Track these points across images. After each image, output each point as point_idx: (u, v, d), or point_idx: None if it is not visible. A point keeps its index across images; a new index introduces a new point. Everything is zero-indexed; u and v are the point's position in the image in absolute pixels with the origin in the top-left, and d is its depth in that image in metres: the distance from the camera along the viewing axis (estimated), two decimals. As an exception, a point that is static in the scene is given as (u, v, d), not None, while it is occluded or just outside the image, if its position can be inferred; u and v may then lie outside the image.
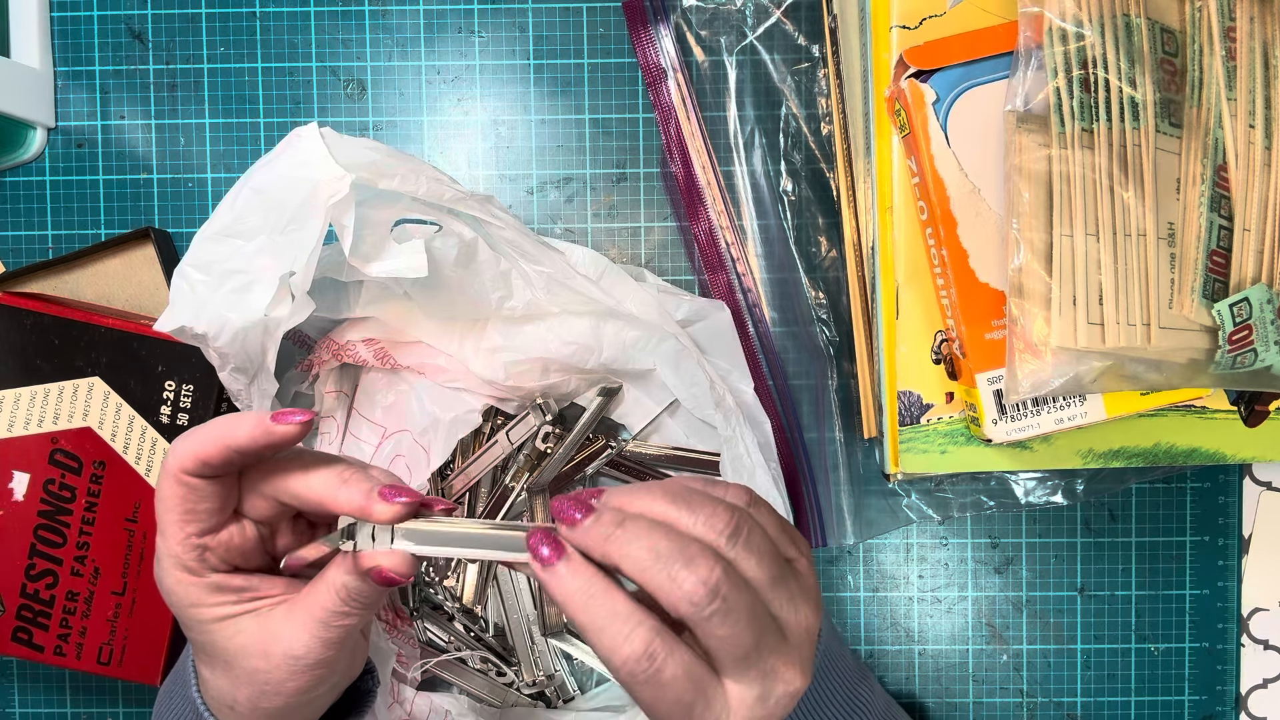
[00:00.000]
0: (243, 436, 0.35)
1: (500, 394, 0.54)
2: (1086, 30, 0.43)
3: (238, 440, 0.35)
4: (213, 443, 0.35)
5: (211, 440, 0.35)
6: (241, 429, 0.35)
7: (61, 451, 0.52)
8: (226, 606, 0.37)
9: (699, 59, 0.55)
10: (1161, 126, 0.44)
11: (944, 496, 0.55)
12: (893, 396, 0.49)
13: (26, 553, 0.52)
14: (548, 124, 0.57)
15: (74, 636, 0.52)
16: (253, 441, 0.35)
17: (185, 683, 0.40)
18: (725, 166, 0.55)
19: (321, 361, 0.54)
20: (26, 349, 0.52)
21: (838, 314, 0.55)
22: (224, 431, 0.35)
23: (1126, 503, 0.57)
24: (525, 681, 0.56)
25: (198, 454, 0.35)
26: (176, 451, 0.35)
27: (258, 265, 0.43)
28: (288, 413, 0.35)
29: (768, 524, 0.35)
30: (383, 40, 0.56)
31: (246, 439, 0.35)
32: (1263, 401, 0.49)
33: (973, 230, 0.46)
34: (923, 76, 0.46)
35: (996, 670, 0.58)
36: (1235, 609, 0.57)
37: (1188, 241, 0.44)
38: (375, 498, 0.35)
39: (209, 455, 0.35)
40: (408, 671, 0.55)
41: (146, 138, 0.57)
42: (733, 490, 0.35)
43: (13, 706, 0.58)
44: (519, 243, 0.48)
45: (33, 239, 0.57)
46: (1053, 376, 0.43)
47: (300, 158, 0.41)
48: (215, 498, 0.36)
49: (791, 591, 0.34)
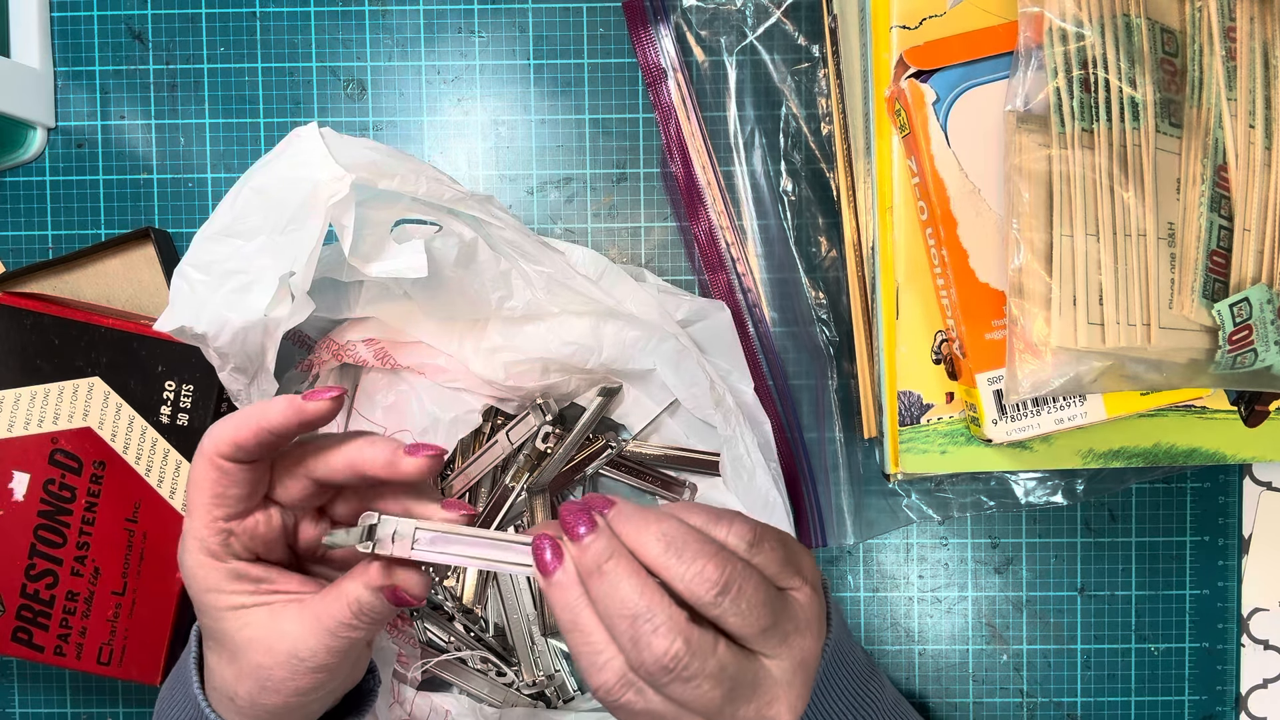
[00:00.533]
0: (276, 417, 0.36)
1: (500, 394, 0.54)
2: (1086, 30, 0.43)
3: (272, 422, 0.36)
4: (247, 426, 0.35)
5: (246, 424, 0.35)
6: (274, 410, 0.36)
7: (61, 451, 0.52)
8: (242, 595, 0.37)
9: (699, 59, 0.55)
10: (1161, 126, 0.44)
11: (944, 496, 0.55)
12: (893, 396, 0.49)
13: (26, 553, 0.52)
14: (548, 124, 0.57)
15: (74, 636, 0.52)
16: (286, 421, 0.36)
17: (188, 680, 0.40)
18: (725, 166, 0.55)
19: (321, 361, 0.54)
20: (26, 349, 0.52)
21: (838, 314, 0.55)
22: (258, 414, 0.36)
23: (1126, 503, 0.57)
24: (525, 681, 0.56)
25: (234, 438, 0.35)
26: (213, 435, 0.36)
27: (258, 265, 0.43)
28: (319, 391, 0.36)
29: (769, 563, 0.35)
30: (383, 40, 0.56)
31: (280, 419, 0.36)
32: (1263, 401, 0.49)
33: (973, 230, 0.46)
34: (923, 76, 0.46)
35: (996, 670, 0.58)
36: (1235, 609, 0.57)
37: (1188, 241, 0.44)
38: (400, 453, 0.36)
39: (244, 439, 0.35)
40: (408, 671, 0.55)
41: (146, 138, 0.57)
42: (735, 529, 0.35)
43: (13, 706, 0.58)
44: (519, 243, 0.48)
45: (33, 239, 0.57)
46: (1053, 376, 0.43)
47: (300, 158, 0.41)
48: (246, 484, 0.37)
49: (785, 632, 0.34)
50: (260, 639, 0.37)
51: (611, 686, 0.33)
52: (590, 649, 0.33)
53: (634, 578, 0.33)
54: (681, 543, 0.33)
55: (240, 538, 0.37)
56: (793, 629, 0.35)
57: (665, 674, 0.32)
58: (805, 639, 0.35)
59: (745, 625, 0.33)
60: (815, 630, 0.35)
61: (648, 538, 0.33)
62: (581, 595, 0.34)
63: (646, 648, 0.32)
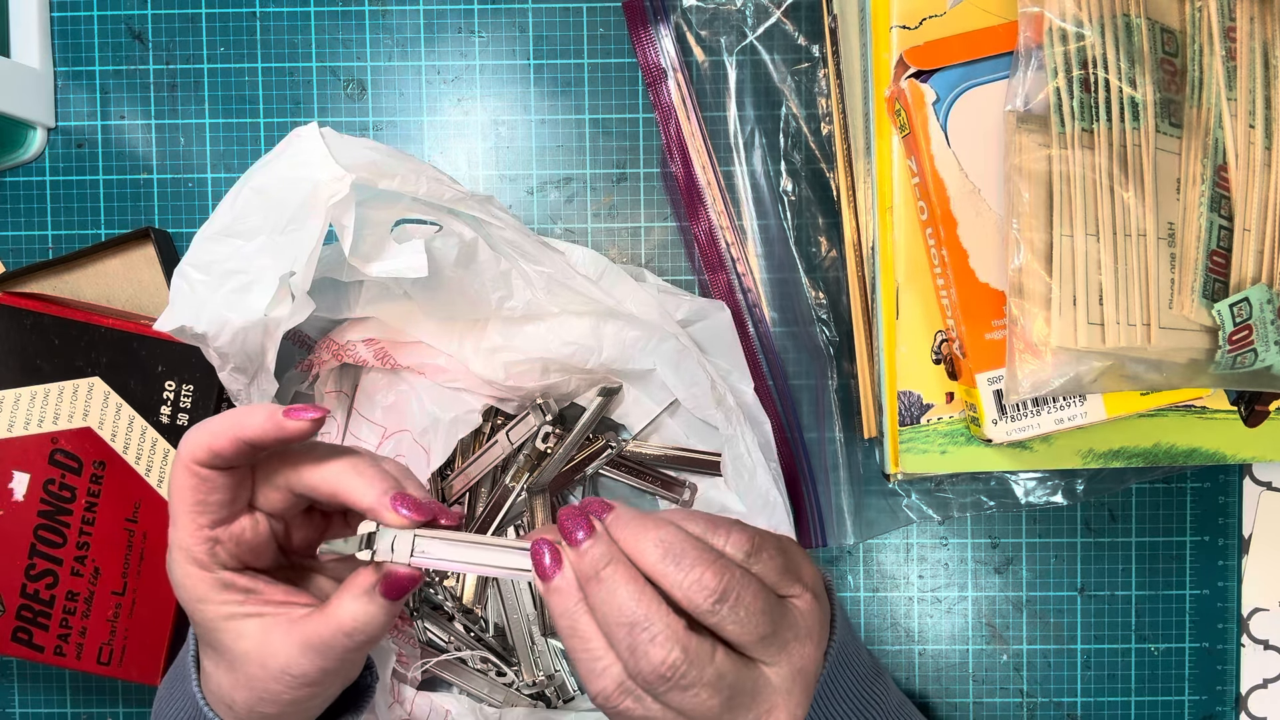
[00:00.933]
0: (254, 429, 0.35)
1: (500, 394, 0.54)
2: (1086, 30, 0.43)
3: (248, 432, 0.35)
4: (224, 434, 0.35)
5: (223, 431, 0.35)
6: (253, 421, 0.35)
7: (61, 451, 0.52)
8: (232, 606, 0.37)
9: (699, 59, 0.55)
10: (1161, 126, 0.44)
11: (944, 496, 0.55)
12: (893, 396, 0.49)
13: (26, 553, 0.52)
14: (548, 124, 0.57)
15: (74, 636, 0.52)
16: (264, 434, 0.35)
17: (185, 677, 0.40)
18: (725, 166, 0.55)
19: (321, 361, 0.54)
20: (26, 349, 0.52)
21: (838, 314, 0.55)
22: (235, 423, 0.35)
23: (1126, 503, 0.57)
24: (525, 681, 0.56)
25: (209, 445, 0.35)
26: (188, 441, 0.35)
27: (258, 265, 0.43)
28: (301, 409, 0.35)
29: (768, 571, 0.35)
30: (383, 40, 0.56)
31: (258, 431, 0.35)
32: (1263, 401, 0.49)
33: (973, 230, 0.46)
34: (923, 76, 0.46)
35: (996, 670, 0.58)
36: (1235, 609, 0.57)
37: (1188, 241, 0.44)
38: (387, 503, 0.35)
39: (220, 446, 0.35)
40: (408, 671, 0.56)
41: (146, 138, 0.57)
42: (734, 537, 0.34)
43: (13, 706, 0.58)
44: (519, 243, 0.48)
45: (33, 239, 0.57)
46: (1053, 376, 0.43)
47: (300, 158, 0.41)
48: (227, 489, 0.36)
49: (784, 640, 0.34)
50: (254, 652, 0.36)
51: (610, 694, 0.33)
52: (589, 655, 0.33)
53: (631, 584, 0.33)
54: (680, 550, 0.33)
55: (227, 545, 0.37)
56: (792, 637, 0.34)
57: (663, 682, 0.32)
58: (806, 646, 0.35)
59: (744, 633, 0.33)
60: (816, 637, 0.35)
61: (645, 544, 0.33)
62: (580, 601, 0.34)
63: (644, 656, 0.32)
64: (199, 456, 0.35)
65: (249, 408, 0.35)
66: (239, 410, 0.35)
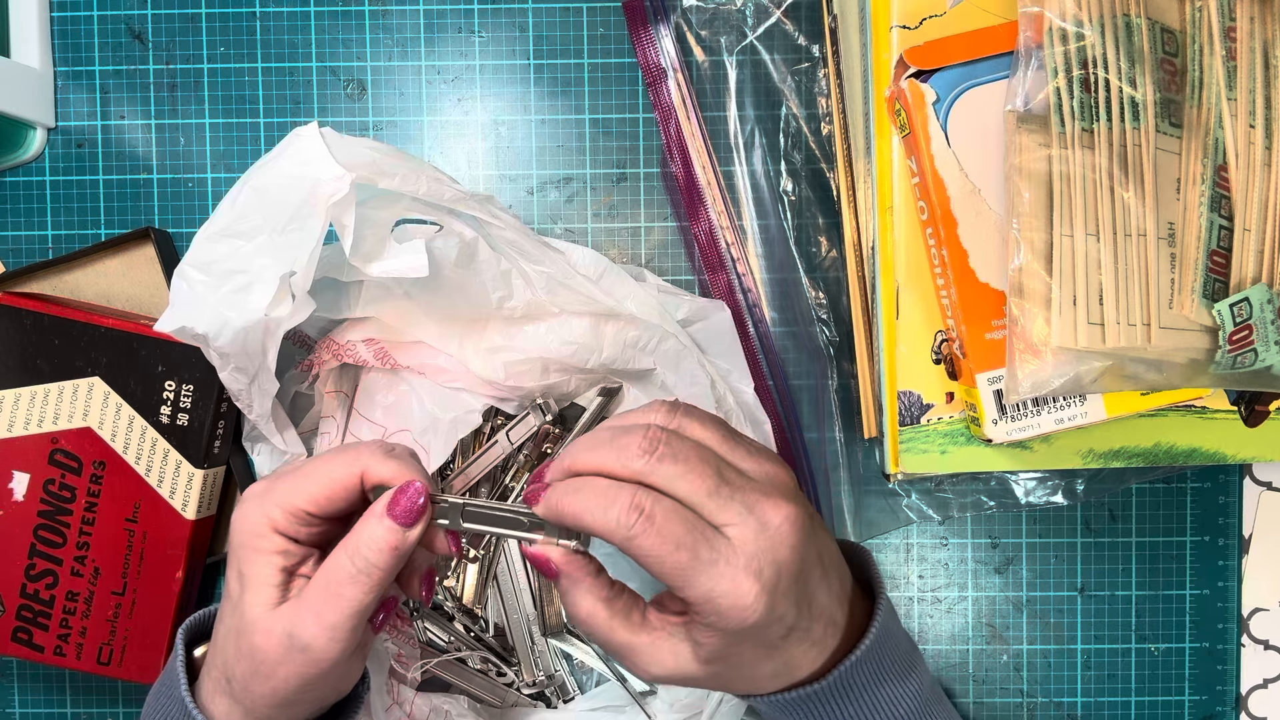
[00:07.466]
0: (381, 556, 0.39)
1: (500, 394, 0.54)
2: (1086, 30, 0.43)
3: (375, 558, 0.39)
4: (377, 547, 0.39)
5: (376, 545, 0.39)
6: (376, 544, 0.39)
7: (61, 451, 0.52)
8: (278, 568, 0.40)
9: (699, 59, 0.55)
10: (1161, 126, 0.44)
11: (944, 496, 0.55)
12: (893, 396, 0.49)
13: (26, 553, 0.52)
14: (548, 124, 0.57)
15: (74, 636, 0.52)
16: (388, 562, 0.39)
17: (174, 682, 0.40)
18: (725, 166, 0.55)
19: (321, 361, 0.54)
20: (26, 349, 0.52)
21: (838, 314, 0.55)
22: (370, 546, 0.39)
23: (1126, 503, 0.57)
24: (525, 681, 0.56)
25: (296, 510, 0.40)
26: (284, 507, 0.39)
27: (258, 265, 0.43)
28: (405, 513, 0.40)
29: (703, 433, 0.37)
30: (383, 40, 0.56)
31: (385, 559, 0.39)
32: (1263, 401, 0.49)
33: (973, 230, 0.46)
34: (923, 76, 0.46)
35: (996, 670, 0.58)
36: (1235, 609, 0.57)
37: (1188, 241, 0.44)
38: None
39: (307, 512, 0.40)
40: (408, 671, 0.55)
41: (146, 138, 0.57)
42: (654, 409, 0.38)
43: (13, 706, 0.58)
44: (519, 243, 0.48)
45: (33, 239, 0.57)
46: (1053, 376, 0.43)
47: (300, 157, 0.41)
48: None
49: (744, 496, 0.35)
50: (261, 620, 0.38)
51: (628, 507, 0.34)
52: (600, 496, 0.35)
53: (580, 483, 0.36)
54: (609, 436, 0.36)
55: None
56: (751, 489, 0.36)
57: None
58: (773, 502, 0.36)
59: (687, 479, 0.35)
60: (787, 495, 0.36)
61: (580, 449, 0.37)
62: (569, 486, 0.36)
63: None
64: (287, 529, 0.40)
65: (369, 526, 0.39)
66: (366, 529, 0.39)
